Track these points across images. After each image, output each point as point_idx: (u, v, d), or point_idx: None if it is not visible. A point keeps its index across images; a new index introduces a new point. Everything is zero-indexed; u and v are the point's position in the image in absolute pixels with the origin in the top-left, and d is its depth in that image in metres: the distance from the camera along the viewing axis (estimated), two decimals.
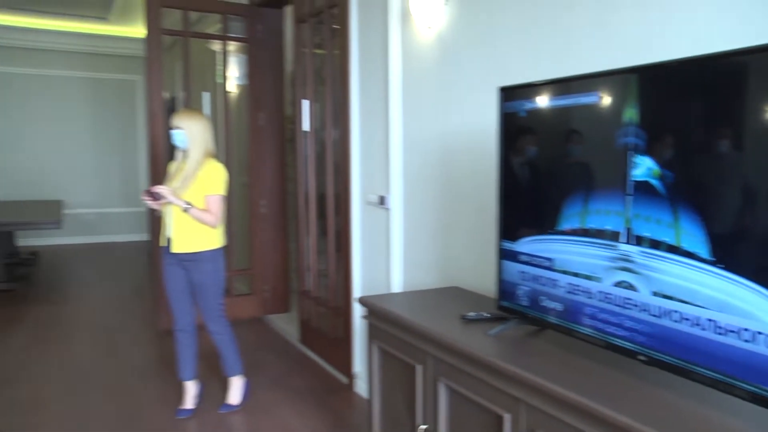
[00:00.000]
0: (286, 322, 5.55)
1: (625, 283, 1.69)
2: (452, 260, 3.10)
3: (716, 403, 1.49)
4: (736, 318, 1.41)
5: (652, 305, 1.61)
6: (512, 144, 2.12)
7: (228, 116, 5.74)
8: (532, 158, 2.07)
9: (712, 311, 1.46)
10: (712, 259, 1.45)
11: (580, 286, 1.85)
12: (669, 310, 1.56)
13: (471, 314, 2.29)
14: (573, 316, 1.89)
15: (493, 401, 1.90)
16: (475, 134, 2.85)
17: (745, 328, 1.39)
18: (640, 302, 1.65)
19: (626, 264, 1.68)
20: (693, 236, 1.49)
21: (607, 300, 1.75)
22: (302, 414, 3.76)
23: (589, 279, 1.82)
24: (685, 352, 1.53)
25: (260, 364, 4.58)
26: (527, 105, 2.05)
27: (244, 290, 5.97)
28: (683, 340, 1.53)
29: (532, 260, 2.05)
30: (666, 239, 1.56)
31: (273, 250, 5.81)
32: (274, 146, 5.77)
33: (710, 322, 1.46)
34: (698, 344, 1.50)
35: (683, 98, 1.55)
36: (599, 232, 1.77)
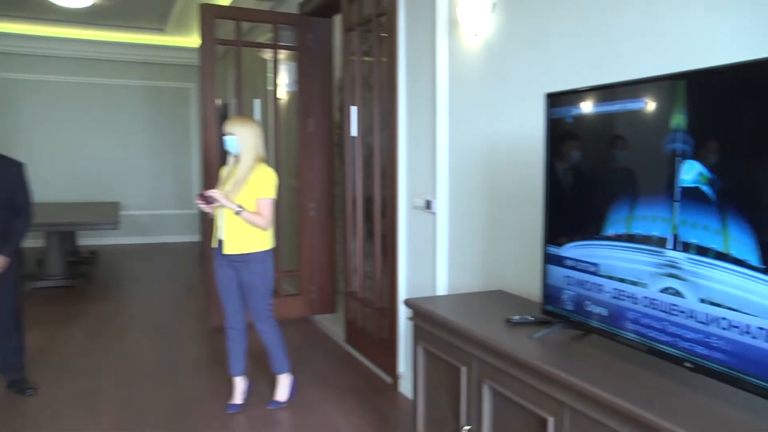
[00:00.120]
0: (333, 323, 5.58)
1: (672, 290, 1.66)
2: (496, 264, 3.08)
3: (766, 413, 1.45)
4: None
5: (700, 312, 1.57)
6: (558, 150, 2.10)
7: (278, 122, 5.80)
8: (578, 164, 2.04)
9: (762, 319, 1.42)
10: (762, 267, 1.41)
11: (626, 292, 1.82)
12: (717, 317, 1.52)
13: (515, 317, 2.27)
14: (618, 321, 1.86)
15: (537, 404, 1.87)
16: (521, 140, 2.82)
17: None
18: (686, 309, 1.61)
19: (673, 270, 1.65)
20: (742, 243, 1.45)
21: (653, 306, 1.72)
22: (347, 412, 3.77)
23: (634, 284, 1.79)
24: (734, 360, 1.49)
25: (307, 362, 4.62)
26: (574, 111, 2.02)
27: (292, 291, 6.02)
28: (732, 347, 1.49)
29: (578, 265, 2.02)
30: (714, 246, 1.53)
31: (320, 252, 5.85)
32: (322, 151, 5.81)
33: (761, 331, 1.42)
34: (748, 352, 1.45)
35: (733, 104, 1.51)
36: (645, 238, 1.74)
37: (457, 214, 3.43)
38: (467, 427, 2.25)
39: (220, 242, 3.63)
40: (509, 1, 2.91)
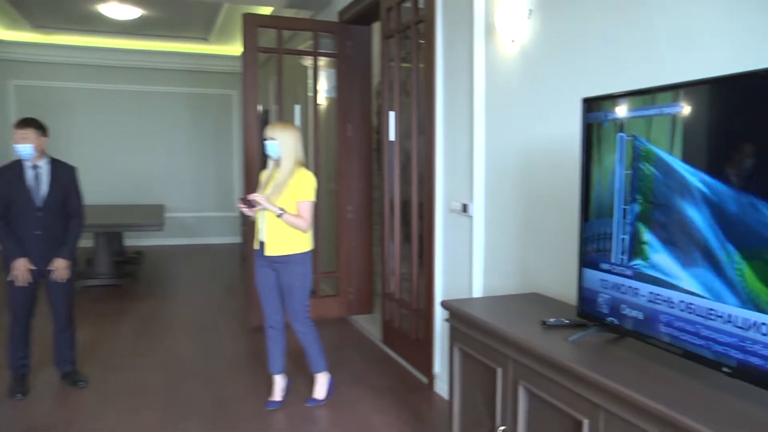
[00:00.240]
0: (370, 323, 5.59)
1: (710, 294, 1.63)
2: (532, 267, 3.06)
3: None
4: None
5: (739, 317, 1.55)
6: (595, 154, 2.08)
7: (317, 127, 5.85)
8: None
9: None
10: None
11: (662, 295, 1.80)
12: (757, 322, 1.50)
13: (551, 320, 2.26)
14: (654, 324, 1.83)
15: (573, 406, 1.86)
16: (557, 145, 2.80)
17: None
18: (725, 313, 1.58)
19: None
20: None
21: (690, 310, 1.70)
22: (383, 411, 3.78)
23: (671, 288, 1.76)
24: None
25: (344, 361, 4.64)
26: (610, 115, 2.00)
27: (331, 292, 6.05)
28: None
29: (613, 269, 2.00)
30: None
31: (358, 254, 5.87)
32: (360, 155, 5.83)
33: None
34: None
35: None
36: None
37: (493, 218, 3.42)
38: (502, 428, 2.24)
39: (262, 244, 3.67)
40: (545, 7, 2.90)
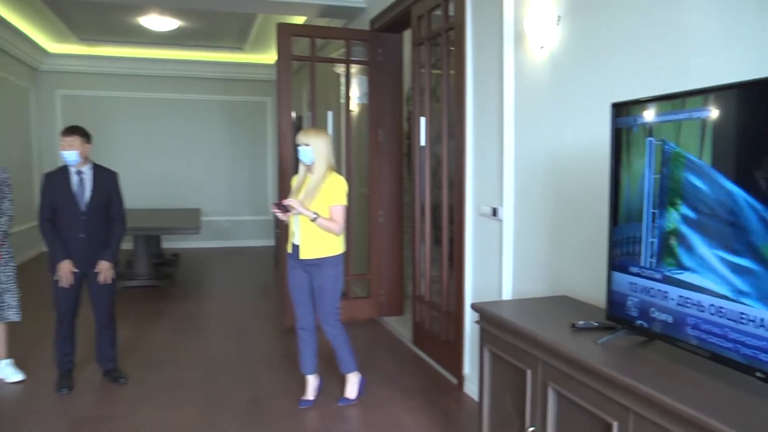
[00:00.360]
0: (400, 325, 5.60)
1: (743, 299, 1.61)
2: (561, 270, 3.05)
3: None
4: None
5: None
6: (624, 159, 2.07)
7: (349, 133, 5.88)
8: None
9: None
10: None
11: (691, 299, 1.78)
12: None
13: (580, 323, 2.25)
14: (683, 328, 1.82)
15: (602, 408, 1.85)
16: (586, 149, 2.79)
17: None
18: (756, 318, 1.57)
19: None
20: None
21: (720, 314, 1.68)
22: (413, 411, 3.79)
23: (701, 292, 1.75)
24: None
25: (375, 362, 4.65)
26: (639, 120, 1.99)
27: (362, 293, 6.08)
28: None
29: (642, 272, 1.99)
30: None
31: (389, 257, 5.89)
32: (391, 160, 5.85)
33: None
34: None
35: None
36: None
37: (523, 221, 3.41)
38: (531, 429, 2.23)
39: (295, 247, 3.71)
40: (574, 13, 2.89)
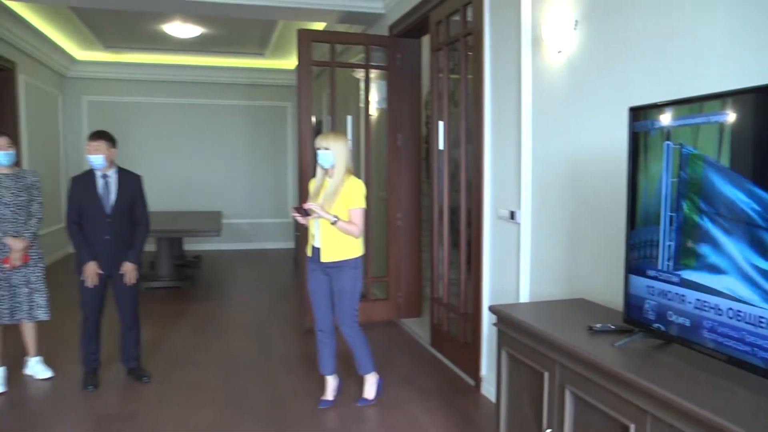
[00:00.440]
0: (418, 326, 5.60)
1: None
2: (578, 273, 3.03)
3: None
4: None
5: None
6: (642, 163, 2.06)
7: (369, 137, 5.90)
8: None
9: None
10: None
11: (709, 303, 1.77)
12: None
13: (597, 325, 2.24)
14: (701, 331, 1.80)
15: (619, 411, 1.84)
16: (603, 153, 2.78)
17: None
18: None
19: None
20: None
21: (738, 317, 1.66)
22: (431, 412, 3.78)
23: (719, 296, 1.73)
24: None
25: (393, 363, 4.66)
26: (657, 124, 1.98)
27: (381, 295, 6.08)
28: None
29: (660, 275, 1.98)
30: None
31: (408, 260, 5.89)
32: (410, 164, 5.86)
33: None
34: None
35: None
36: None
37: (540, 225, 3.40)
38: (549, 431, 2.23)
39: (315, 250, 3.72)
40: (591, 18, 2.88)
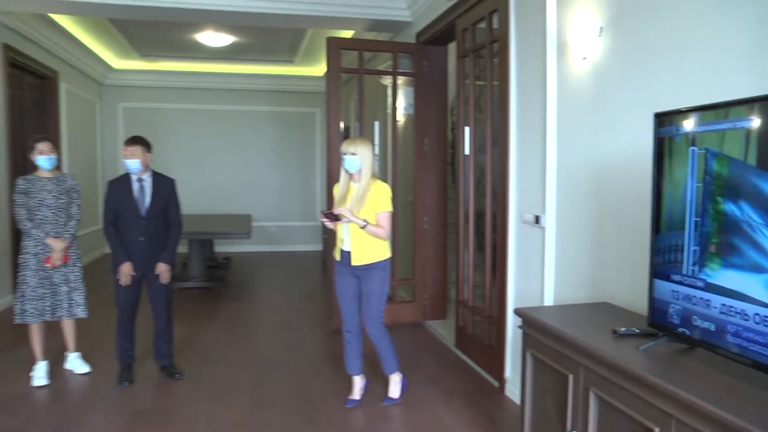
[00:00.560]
0: (443, 328, 5.59)
1: None
2: (602, 277, 3.01)
3: None
4: None
5: None
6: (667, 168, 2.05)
7: (396, 142, 5.91)
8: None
9: None
10: None
11: (735, 308, 1.75)
12: None
13: (622, 329, 2.22)
14: (726, 336, 1.78)
15: (644, 414, 1.83)
16: (627, 158, 2.76)
17: None
18: None
19: None
20: None
21: (766, 323, 1.64)
22: (455, 412, 3.78)
23: (745, 301, 1.71)
24: None
25: (419, 364, 4.66)
26: (682, 130, 1.97)
27: (407, 298, 6.08)
28: None
29: (685, 280, 1.96)
30: None
31: (433, 263, 5.89)
32: (436, 169, 5.86)
33: None
34: None
35: None
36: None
37: (565, 229, 3.38)
38: None
39: (345, 254, 3.74)
40: (616, 25, 2.86)
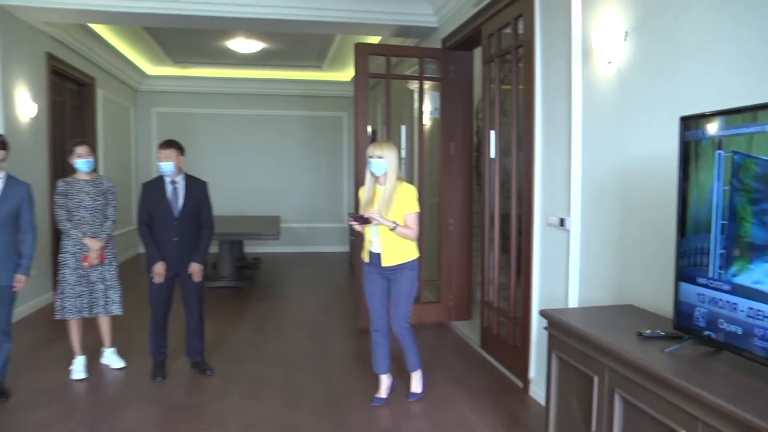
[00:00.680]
0: (468, 329, 5.57)
1: None
2: (627, 279, 2.97)
3: None
4: None
5: None
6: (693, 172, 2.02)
7: (422, 145, 5.91)
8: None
9: None
10: None
11: (763, 311, 1.71)
12: None
13: (647, 331, 2.19)
14: (753, 340, 1.75)
15: (670, 417, 1.80)
16: (653, 161, 2.72)
17: None
18: None
19: None
20: None
21: None
22: (480, 411, 3.76)
23: None
24: None
25: (444, 363, 4.65)
26: (708, 133, 1.94)
27: (432, 298, 6.08)
28: None
29: (711, 283, 1.93)
30: None
31: (459, 264, 5.87)
32: (462, 171, 5.84)
33: None
34: None
35: None
36: None
37: (590, 232, 3.35)
38: None
39: (375, 255, 3.75)
40: (641, 29, 2.83)
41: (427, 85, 5.96)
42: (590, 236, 3.35)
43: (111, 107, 9.08)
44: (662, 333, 2.17)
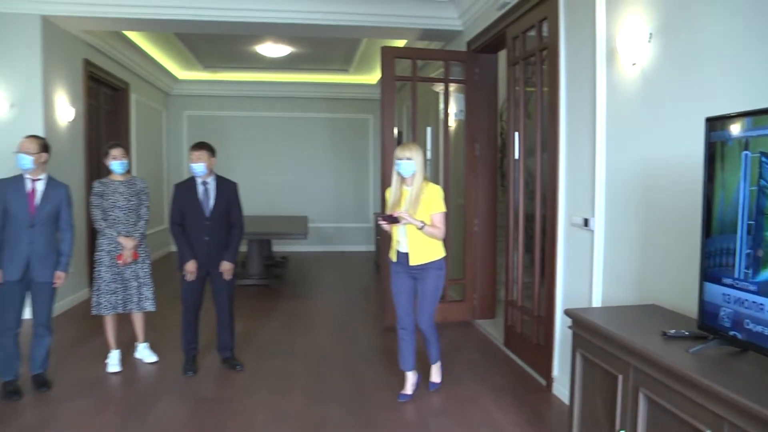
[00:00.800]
0: (492, 327, 5.55)
1: None
2: (651, 279, 2.94)
3: None
4: None
5: None
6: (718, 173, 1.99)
7: (447, 147, 5.90)
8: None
9: None
10: None
11: None
12: None
13: (671, 331, 2.17)
14: None
15: (695, 416, 1.78)
16: (677, 162, 2.69)
17: None
18: None
19: None
20: None
21: None
22: (503, 408, 3.75)
23: None
24: None
25: (468, 361, 4.64)
26: (734, 134, 1.91)
27: (457, 297, 6.07)
28: None
29: (736, 284, 1.90)
30: None
31: (483, 264, 5.85)
32: (487, 173, 5.82)
33: None
34: None
35: None
36: None
37: (614, 232, 3.32)
38: None
39: (402, 255, 3.77)
40: (666, 30, 2.80)
41: (452, 87, 5.95)
42: (614, 236, 3.32)
43: (144, 111, 9.22)
44: (686, 333, 2.15)
